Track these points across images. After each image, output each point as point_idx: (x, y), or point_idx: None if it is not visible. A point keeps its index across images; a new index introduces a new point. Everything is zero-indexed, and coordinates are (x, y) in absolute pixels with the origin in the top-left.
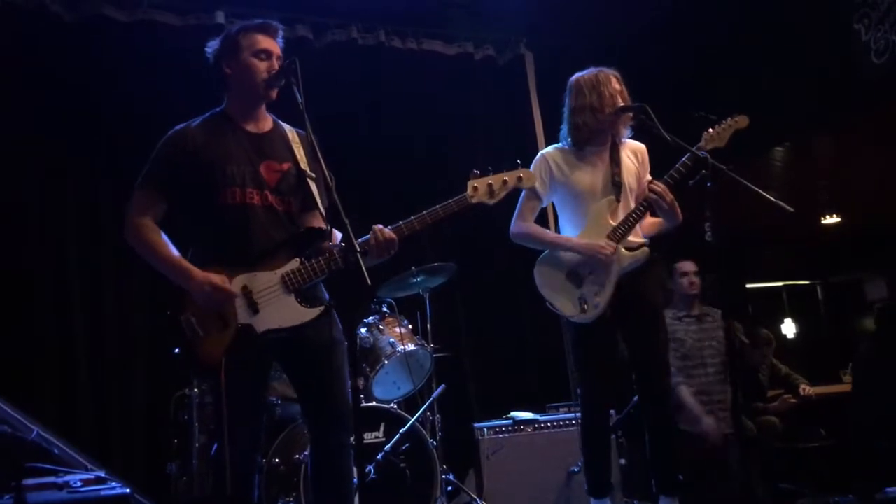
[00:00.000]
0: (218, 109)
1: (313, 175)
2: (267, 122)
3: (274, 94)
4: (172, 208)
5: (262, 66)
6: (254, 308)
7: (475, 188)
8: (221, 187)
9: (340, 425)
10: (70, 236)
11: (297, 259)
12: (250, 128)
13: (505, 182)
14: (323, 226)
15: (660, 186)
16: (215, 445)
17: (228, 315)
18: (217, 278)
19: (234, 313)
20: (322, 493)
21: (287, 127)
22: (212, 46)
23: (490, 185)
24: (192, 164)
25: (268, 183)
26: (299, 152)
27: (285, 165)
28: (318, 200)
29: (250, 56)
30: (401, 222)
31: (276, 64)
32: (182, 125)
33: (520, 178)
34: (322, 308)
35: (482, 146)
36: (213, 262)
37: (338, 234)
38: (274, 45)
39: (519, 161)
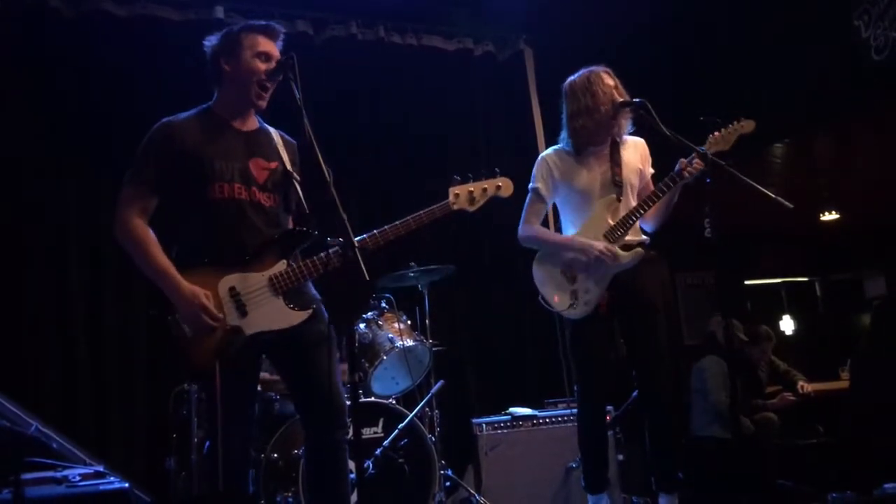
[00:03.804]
0: (206, 105)
1: (298, 178)
2: (254, 122)
3: (264, 101)
4: (160, 203)
5: (261, 67)
6: (242, 310)
7: (456, 195)
8: (209, 182)
9: (336, 422)
10: (70, 231)
11: (284, 261)
12: (238, 125)
13: (485, 190)
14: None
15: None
16: (207, 443)
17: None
18: (205, 298)
19: (223, 315)
20: (319, 492)
21: (272, 130)
22: (210, 41)
23: (471, 192)
24: (179, 158)
25: (256, 179)
26: (284, 155)
27: (273, 164)
28: (304, 203)
29: (251, 56)
30: (386, 227)
31: None
32: (168, 118)
33: (498, 187)
34: (310, 311)
35: (482, 142)
36: (199, 259)
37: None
38: (275, 49)
39: (497, 170)
